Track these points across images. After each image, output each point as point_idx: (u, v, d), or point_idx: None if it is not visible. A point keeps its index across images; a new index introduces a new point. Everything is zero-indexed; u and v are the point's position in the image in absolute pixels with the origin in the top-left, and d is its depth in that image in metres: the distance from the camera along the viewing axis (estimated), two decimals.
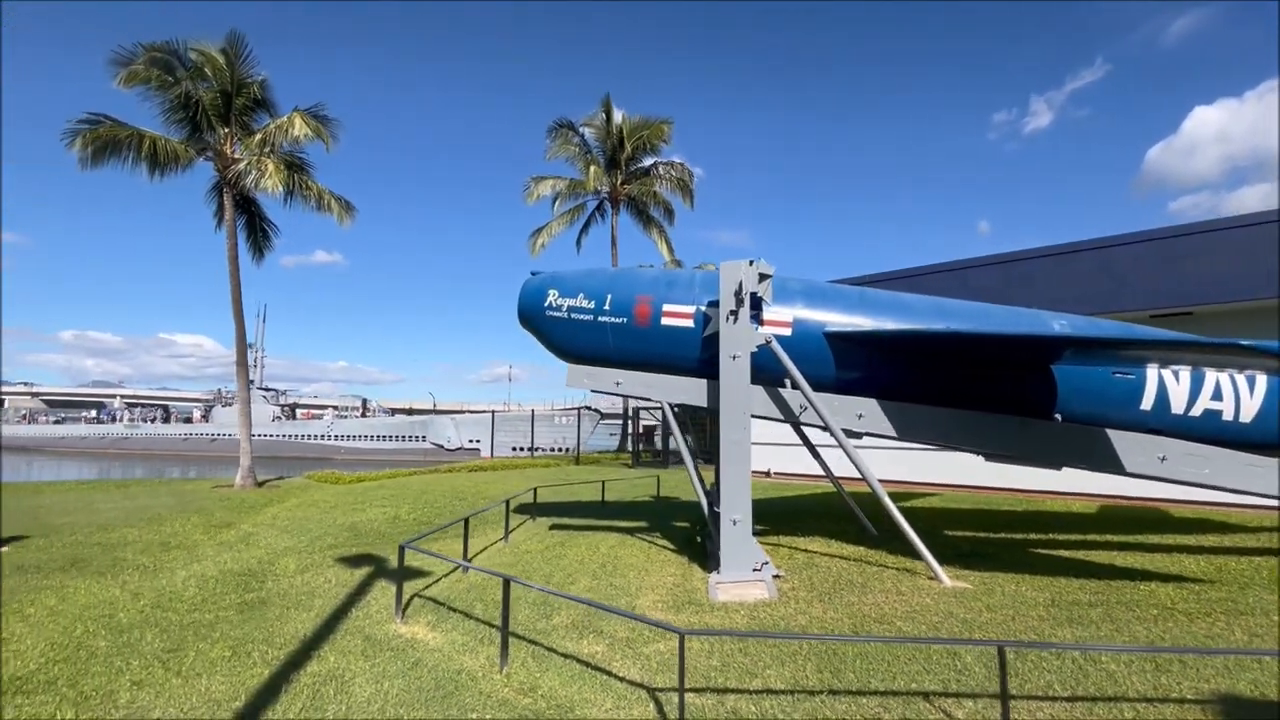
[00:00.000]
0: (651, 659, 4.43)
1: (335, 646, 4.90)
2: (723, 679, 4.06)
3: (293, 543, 9.13)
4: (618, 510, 11.36)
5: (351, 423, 54.10)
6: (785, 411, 6.94)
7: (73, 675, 4.51)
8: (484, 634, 5.08)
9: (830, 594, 5.75)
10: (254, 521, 11.61)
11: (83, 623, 5.73)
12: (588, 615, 5.43)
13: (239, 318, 18.58)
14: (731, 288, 6.61)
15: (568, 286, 7.60)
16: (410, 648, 4.82)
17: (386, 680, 4.24)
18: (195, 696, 4.10)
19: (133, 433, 61.37)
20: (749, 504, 6.38)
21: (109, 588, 7.01)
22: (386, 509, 11.88)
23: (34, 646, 5.14)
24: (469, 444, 48.63)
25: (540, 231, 27.52)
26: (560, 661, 4.47)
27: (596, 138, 27.02)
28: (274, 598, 6.38)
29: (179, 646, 5.02)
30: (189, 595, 6.57)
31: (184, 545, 9.42)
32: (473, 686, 4.12)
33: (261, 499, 14.69)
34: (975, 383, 6.84)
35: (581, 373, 7.38)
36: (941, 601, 5.46)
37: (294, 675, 4.37)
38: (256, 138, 17.99)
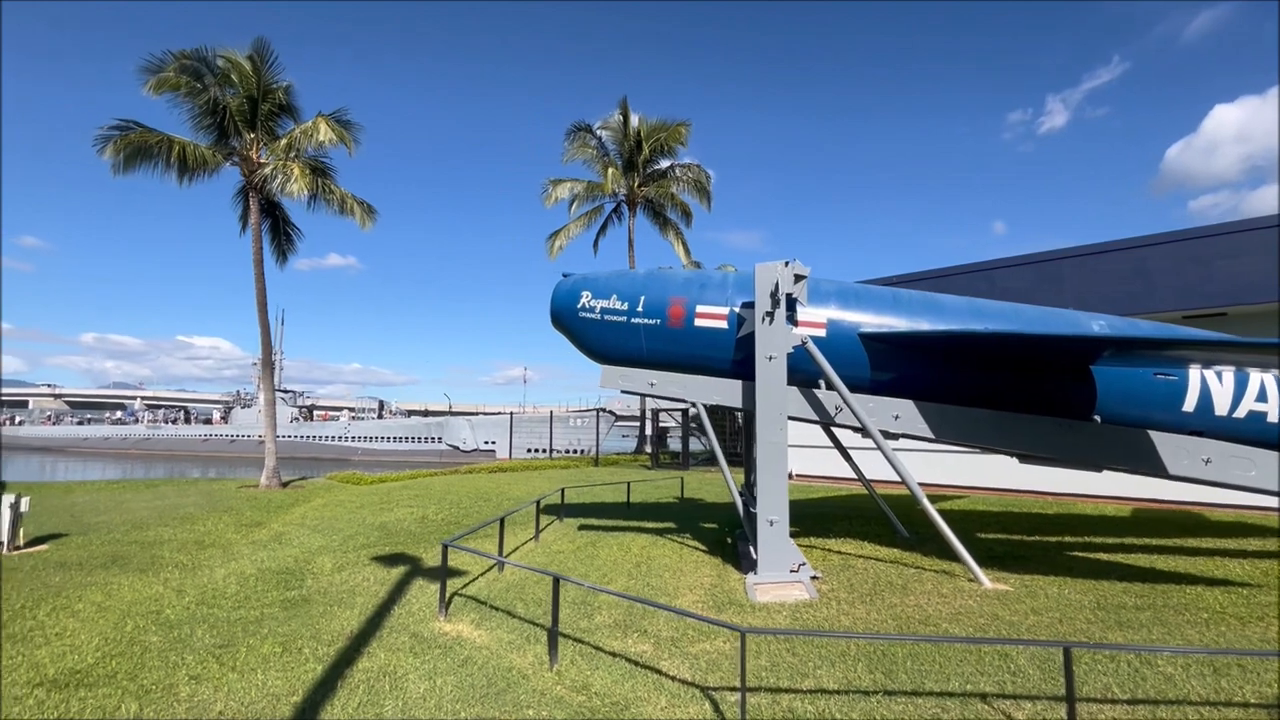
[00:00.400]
0: (700, 658, 4.45)
1: (383, 643, 4.96)
2: (774, 679, 4.06)
3: (325, 542, 9.24)
4: (643, 511, 11.38)
5: (368, 424, 54.54)
6: (820, 413, 6.92)
7: (131, 669, 4.61)
8: (528, 632, 5.12)
9: (871, 596, 5.73)
10: (283, 521, 11.76)
11: (132, 618, 5.85)
12: (629, 614, 5.46)
13: (264, 321, 18.84)
14: (767, 289, 6.62)
15: (601, 288, 7.64)
16: (457, 645, 4.87)
17: (438, 677, 4.29)
18: (253, 691, 4.17)
19: (154, 434, 62.30)
20: (786, 505, 6.38)
21: (152, 584, 7.14)
22: (413, 509, 11.98)
23: (88, 641, 5.25)
24: (485, 445, 48.83)
25: (558, 234, 27.64)
26: (608, 660, 4.50)
27: (613, 140, 27.10)
28: (315, 595, 6.46)
29: (230, 642, 5.11)
30: (231, 592, 6.68)
31: (218, 544, 9.57)
32: (524, 684, 4.16)
33: (288, 499, 14.87)
34: (1013, 384, 6.79)
35: (615, 373, 7.41)
36: (985, 604, 5.42)
37: (347, 671, 4.43)
38: (282, 142, 18.24)
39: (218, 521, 11.55)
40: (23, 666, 4.75)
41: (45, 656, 4.93)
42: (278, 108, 18.92)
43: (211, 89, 17.65)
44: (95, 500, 14.29)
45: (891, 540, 8.17)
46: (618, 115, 26.77)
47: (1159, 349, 5.99)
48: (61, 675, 4.55)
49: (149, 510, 12.84)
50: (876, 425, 6.61)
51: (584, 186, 27.35)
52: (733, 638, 4.79)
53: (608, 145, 27.16)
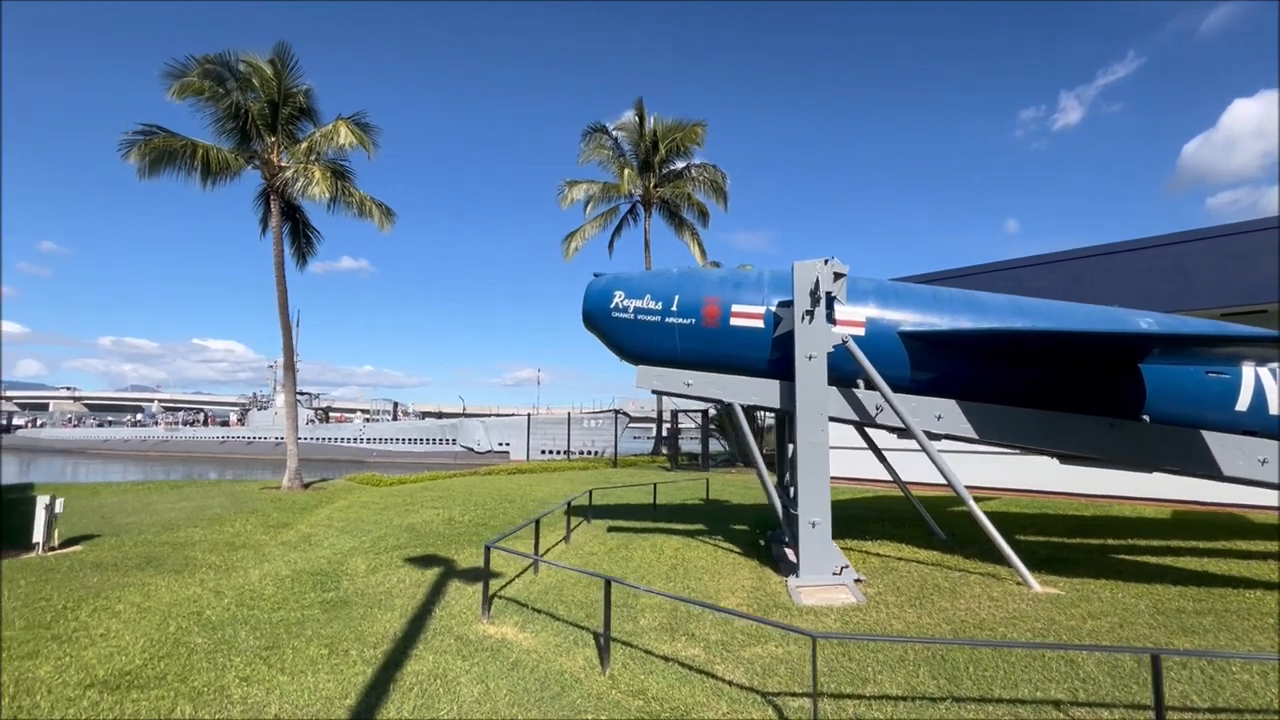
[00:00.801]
0: (754, 663, 4.37)
1: (429, 646, 4.92)
2: (835, 684, 3.98)
3: (356, 543, 9.24)
4: (670, 513, 11.30)
5: (383, 426, 54.84)
6: (860, 413, 6.82)
7: (180, 671, 4.59)
8: (574, 635, 5.06)
9: (919, 599, 5.62)
10: (309, 522, 11.80)
11: (173, 619, 5.85)
12: (674, 617, 5.39)
13: (285, 323, 18.94)
14: (806, 287, 6.53)
15: (634, 288, 7.58)
16: (503, 648, 4.82)
17: (490, 681, 4.24)
18: (306, 694, 4.14)
19: (172, 436, 63.02)
20: (828, 507, 6.29)
21: (188, 585, 7.15)
22: (439, 511, 11.98)
23: (133, 642, 5.25)
24: (499, 447, 48.96)
25: (574, 235, 27.65)
26: (660, 664, 4.43)
27: (629, 141, 27.09)
28: (353, 597, 6.44)
29: (275, 644, 5.09)
30: (269, 594, 6.67)
31: (249, 545, 9.60)
32: (578, 688, 4.10)
33: (311, 500, 14.93)
34: (1058, 383, 6.66)
35: (651, 374, 7.34)
36: (1039, 608, 5.30)
37: (396, 674, 4.39)
38: (303, 145, 18.36)
39: (245, 523, 11.59)
40: (72, 667, 4.75)
41: (93, 657, 4.93)
42: (298, 111, 19.06)
43: (233, 93, 17.78)
44: (123, 501, 14.41)
45: (929, 542, 8.05)
46: (633, 116, 26.76)
47: (1211, 346, 5.84)
48: (112, 676, 4.54)
49: (177, 511, 12.93)
50: (919, 426, 6.50)
51: (600, 188, 27.35)
52: (784, 642, 4.71)
53: (623, 146, 27.15)
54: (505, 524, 10.44)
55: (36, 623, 5.85)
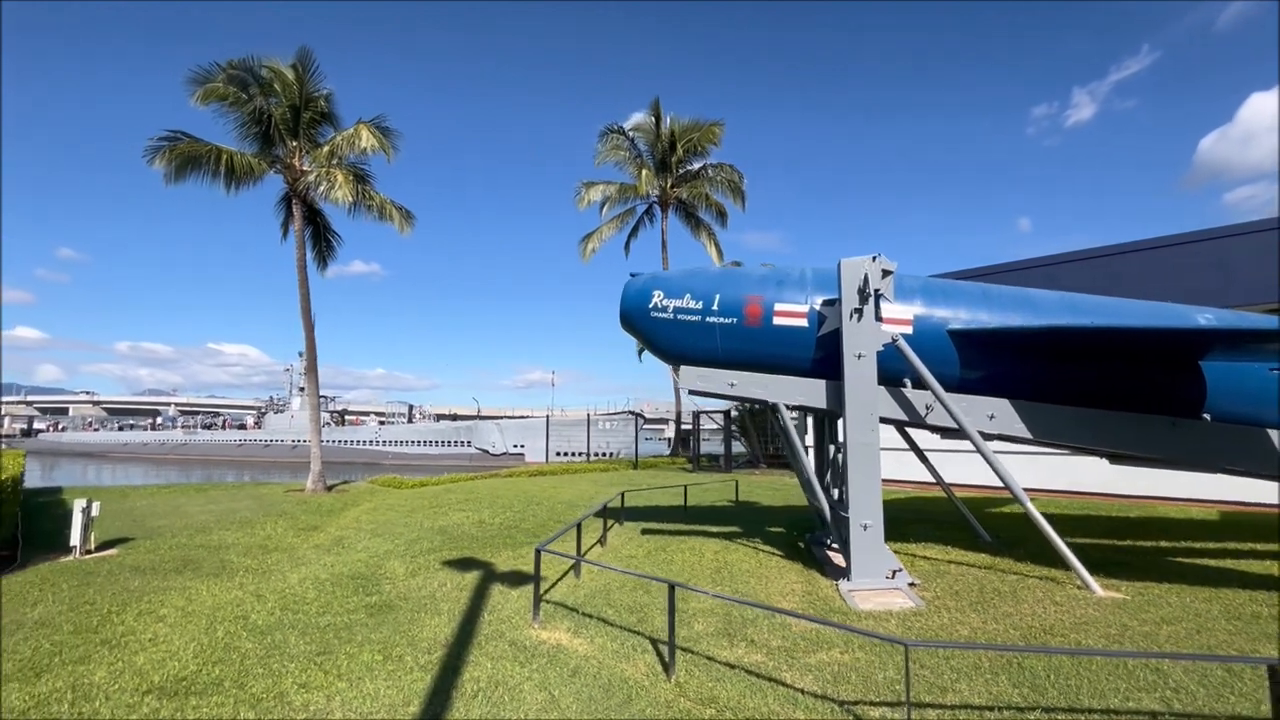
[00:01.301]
0: (822, 670, 4.25)
1: (483, 651, 4.84)
2: (914, 693, 3.85)
3: (390, 546, 9.19)
4: (701, 515, 11.18)
5: (399, 428, 55.10)
6: (909, 413, 6.68)
7: (236, 676, 4.54)
8: (629, 640, 4.96)
9: (980, 604, 5.48)
10: (339, 525, 11.78)
11: (220, 624, 5.81)
12: (728, 622, 5.28)
13: (308, 326, 19.02)
14: (854, 285, 6.41)
15: (673, 287, 7.48)
16: (560, 654, 4.73)
17: (553, 688, 4.15)
18: (368, 700, 4.07)
19: (191, 439, 63.66)
20: (880, 508, 6.16)
21: (229, 589, 7.12)
22: (468, 514, 11.93)
23: (184, 647, 5.21)
24: (514, 449, 49.02)
25: (591, 236, 27.62)
26: (724, 670, 4.32)
27: (645, 141, 27.02)
28: (397, 601, 6.38)
29: (327, 650, 5.03)
30: (311, 598, 6.63)
31: (281, 548, 9.58)
32: (644, 695, 4.00)
33: (336, 503, 14.94)
34: (1115, 381, 6.49)
35: (694, 374, 7.23)
36: (1106, 613, 5.14)
37: (456, 681, 4.31)
38: (324, 149, 18.43)
39: (275, 525, 11.60)
40: (126, 673, 4.71)
41: (145, 663, 4.89)
42: (319, 115, 19.14)
43: (256, 98, 17.90)
44: (152, 505, 14.49)
45: (974, 544, 7.88)
46: (649, 116, 26.70)
47: (1275, 342, 5.66)
48: (168, 683, 4.50)
49: (206, 514, 12.97)
50: (973, 426, 6.35)
51: (617, 189, 27.30)
52: (848, 648, 4.59)
53: (640, 147, 27.09)
54: (536, 526, 10.37)
55: (84, 627, 5.83)
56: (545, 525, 10.39)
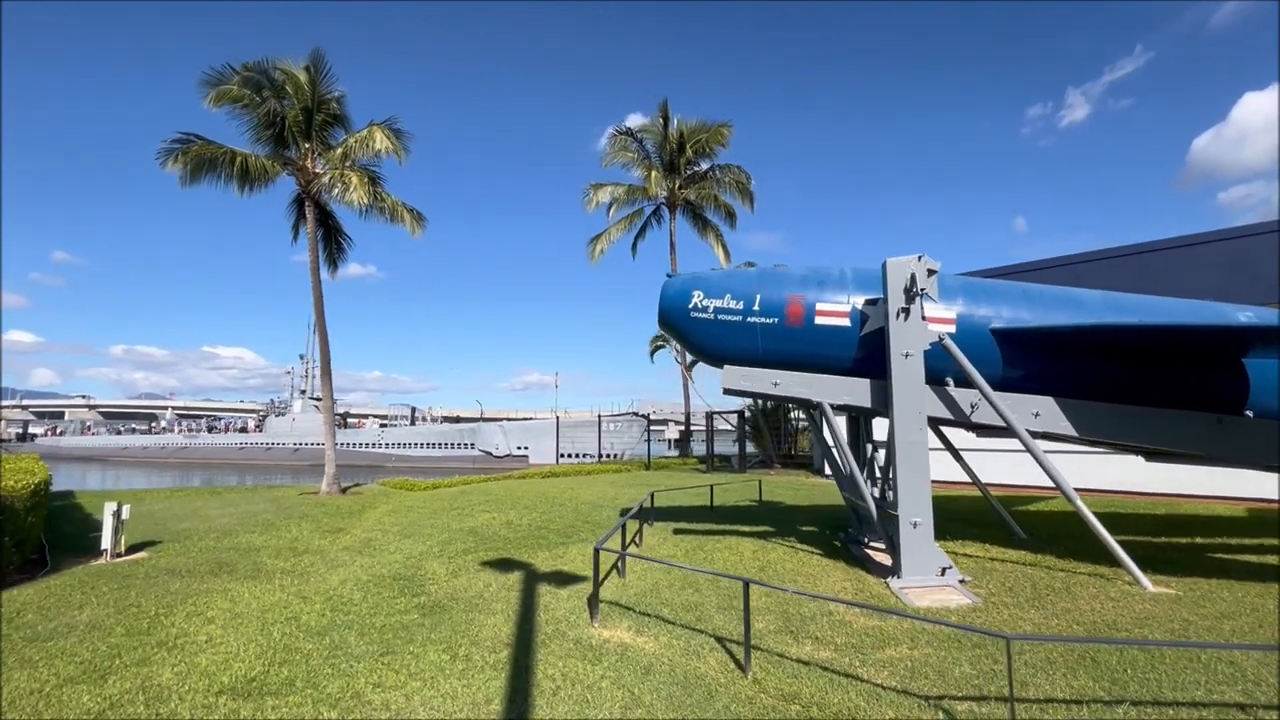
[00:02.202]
0: (896, 665, 4.28)
1: (550, 650, 4.85)
2: (991, 687, 3.88)
3: (423, 547, 9.19)
4: (728, 515, 11.21)
5: (401, 431, 54.97)
6: (954, 411, 6.73)
7: (306, 676, 4.55)
8: (693, 638, 4.98)
9: (1036, 600, 5.52)
10: (363, 527, 11.78)
11: (272, 625, 5.80)
12: (787, 620, 5.31)
13: (322, 328, 19.00)
14: (900, 284, 6.45)
15: (713, 287, 7.51)
16: (628, 652, 4.75)
17: (631, 686, 4.17)
18: (447, 700, 4.08)
19: (191, 442, 63.38)
20: (929, 506, 6.19)
21: (271, 591, 7.11)
22: (493, 514, 11.94)
23: (243, 648, 5.21)
24: (518, 450, 48.96)
25: (599, 238, 27.64)
26: (798, 667, 4.35)
27: (653, 143, 27.06)
28: (446, 602, 6.38)
29: (390, 650, 5.03)
30: (357, 599, 6.63)
31: (312, 550, 9.57)
32: (724, 693, 4.02)
33: (354, 505, 14.92)
34: (1158, 379, 6.54)
35: (737, 373, 7.26)
36: (1164, 608, 5.19)
37: (531, 680, 4.32)
38: (337, 152, 18.43)
39: (300, 528, 11.59)
40: (192, 674, 4.71)
41: (209, 664, 4.89)
42: (331, 118, 19.12)
43: (269, 101, 17.90)
44: (170, 508, 14.45)
45: (1010, 542, 7.92)
46: (659, 118, 26.74)
47: None
48: (238, 683, 4.50)
49: (227, 517, 12.94)
50: (1020, 424, 6.39)
51: (624, 190, 27.34)
52: (915, 644, 4.63)
53: (648, 148, 27.13)
54: (565, 527, 10.38)
55: (135, 629, 5.82)
56: (574, 526, 10.40)
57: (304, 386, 61.06)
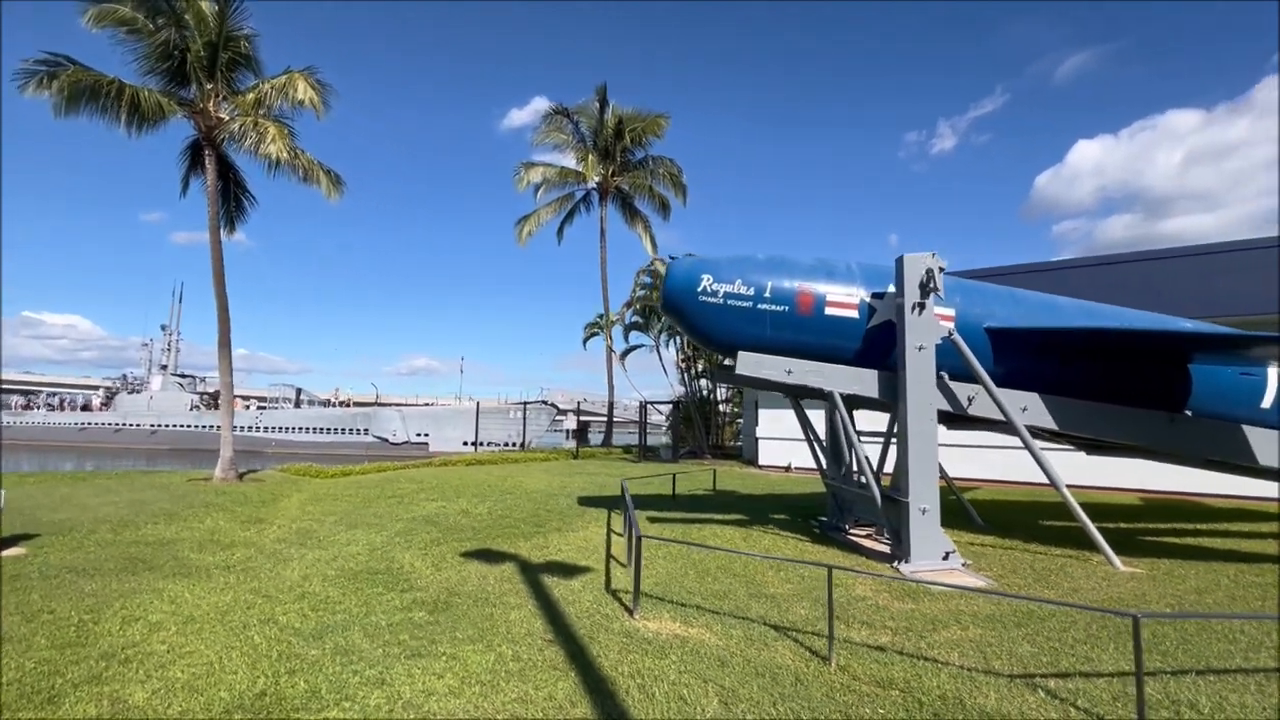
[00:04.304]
0: (963, 646, 4.38)
1: (603, 646, 4.50)
2: (1063, 662, 4.07)
3: (381, 539, 8.36)
4: (690, 504, 11.17)
5: (284, 414, 50.18)
6: (953, 403, 7.05)
7: (332, 686, 3.91)
8: (747, 627, 4.84)
9: (1043, 580, 5.93)
10: (287, 516, 10.59)
11: (247, 629, 5.00)
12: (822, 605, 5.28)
13: (221, 295, 16.82)
14: (917, 279, 6.65)
15: (723, 272, 7.38)
16: (688, 645, 4.51)
17: (716, 680, 3.94)
18: (523, 706, 3.65)
19: (15, 421, 54.32)
20: (937, 493, 6.45)
21: (216, 590, 6.16)
22: (441, 504, 11.15)
23: (224, 657, 4.42)
24: (416, 438, 46.46)
25: (527, 219, 26.72)
26: (870, 652, 4.33)
27: (589, 127, 26.53)
28: (448, 597, 5.79)
29: (416, 652, 4.46)
30: (334, 596, 5.88)
31: (239, 543, 8.44)
32: (816, 682, 3.90)
33: (262, 493, 13.38)
34: (1120, 379, 7.23)
35: (752, 360, 7.17)
36: (1151, 586, 5.76)
37: (604, 678, 3.98)
38: (249, 97, 16.37)
39: (213, 518, 10.21)
40: (176, 690, 3.92)
41: (189, 677, 4.09)
42: (240, 57, 16.95)
43: (165, 29, 15.57)
44: (31, 495, 12.21)
45: (973, 528, 8.49)
46: (594, 101, 26.22)
47: (1250, 347, 6.57)
48: (246, 700, 3.78)
49: (111, 507, 11.13)
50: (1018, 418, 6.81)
51: (556, 172, 26.61)
52: (971, 625, 4.78)
53: (583, 131, 26.54)
54: (530, 516, 9.87)
55: (62, 640, 4.80)
56: (539, 516, 9.92)
57: (165, 361, 54.13)
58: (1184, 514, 10.10)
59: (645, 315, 24.44)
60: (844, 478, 8.01)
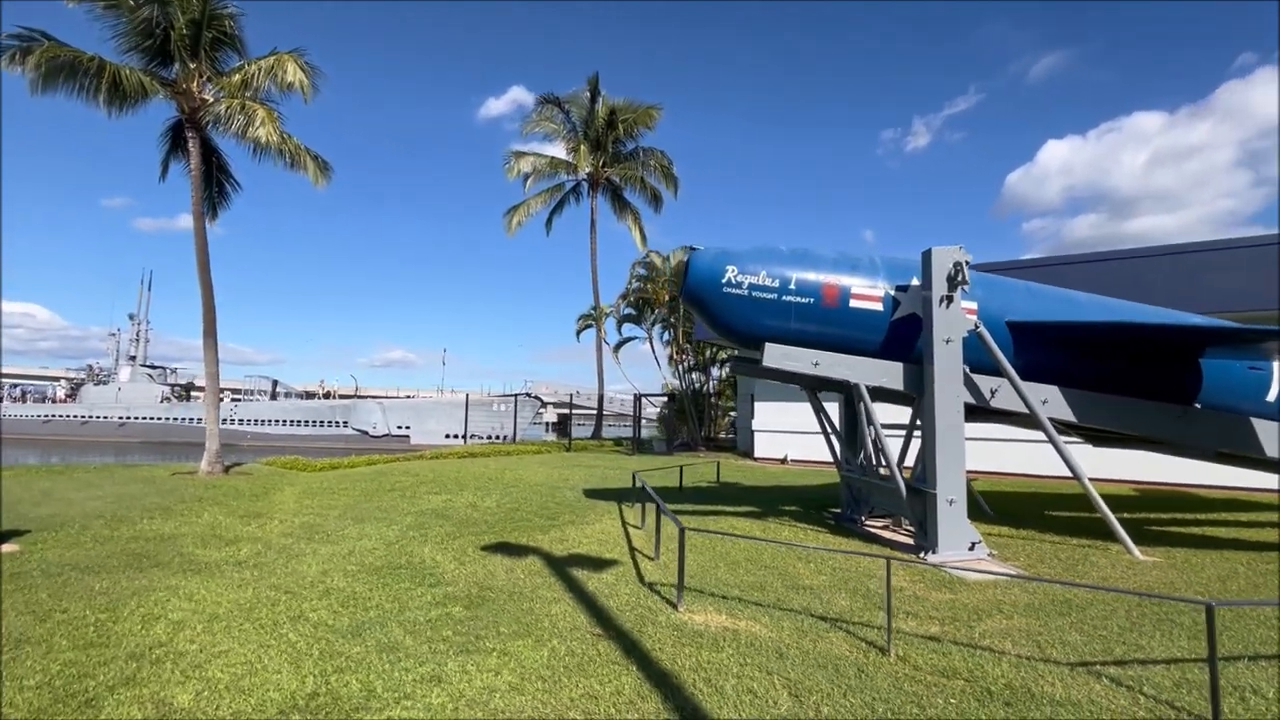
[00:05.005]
0: (1014, 635, 4.42)
1: (656, 640, 4.44)
2: (1117, 650, 4.13)
3: (393, 533, 8.19)
4: (700, 496, 11.17)
5: (260, 406, 48.96)
6: (976, 396, 7.11)
7: (389, 685, 3.80)
8: (794, 619, 4.82)
9: (1071, 569, 6.02)
10: (287, 510, 10.32)
11: (278, 626, 4.84)
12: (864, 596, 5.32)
13: (206, 282, 16.31)
14: (944, 272, 6.69)
15: (747, 263, 7.34)
16: (741, 638, 4.47)
17: (780, 672, 3.92)
18: (591, 701, 3.58)
19: None
20: (964, 485, 6.51)
21: (232, 587, 5.96)
22: (447, 497, 10.97)
23: (264, 656, 4.27)
24: (397, 430, 45.80)
25: (516, 209, 26.41)
26: (927, 643, 4.34)
27: (579, 117, 26.26)
28: (481, 591, 5.67)
29: (465, 648, 4.35)
30: (362, 592, 5.73)
31: (244, 538, 8.19)
32: (880, 673, 3.90)
33: (252, 486, 13.04)
34: (1133, 372, 7.38)
35: (780, 352, 7.15)
36: (1176, 574, 5.91)
37: (666, 671, 3.93)
38: (235, 78, 15.84)
39: (210, 513, 9.91)
40: (221, 692, 3.76)
41: (230, 678, 3.94)
42: (223, 36, 16.39)
43: (145, 6, 14.96)
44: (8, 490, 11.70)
45: (984, 519, 8.62)
46: (585, 91, 25.94)
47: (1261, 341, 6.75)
48: (300, 700, 3.65)
49: (99, 501, 10.75)
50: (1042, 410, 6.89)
51: (546, 162, 26.30)
52: (1010, 615, 4.83)
53: (574, 120, 26.25)
54: (539, 509, 9.76)
55: (85, 641, 4.60)
56: (549, 508, 9.81)
57: (134, 351, 52.37)
58: (1179, 504, 10.40)
59: (639, 307, 24.38)
60: (860, 469, 8.06)
